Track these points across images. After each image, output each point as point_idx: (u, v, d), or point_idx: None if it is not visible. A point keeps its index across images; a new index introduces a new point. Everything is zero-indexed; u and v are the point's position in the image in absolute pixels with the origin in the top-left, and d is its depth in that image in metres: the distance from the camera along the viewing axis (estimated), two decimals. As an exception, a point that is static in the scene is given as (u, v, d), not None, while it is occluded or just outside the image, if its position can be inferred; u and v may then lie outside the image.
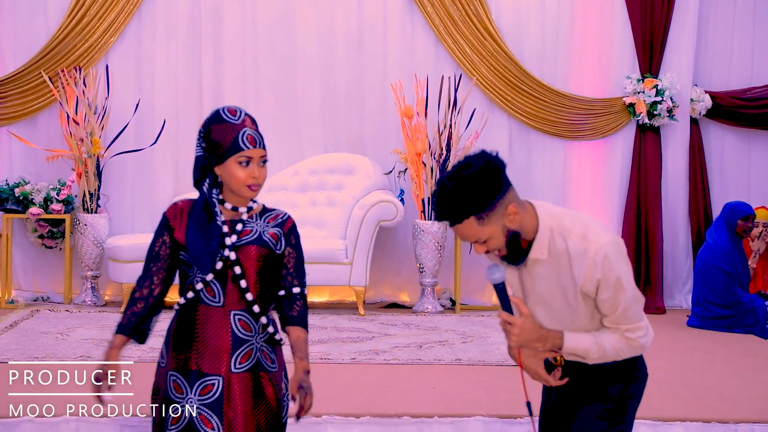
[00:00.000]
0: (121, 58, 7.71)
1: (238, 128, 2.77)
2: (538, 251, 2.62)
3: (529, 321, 2.63)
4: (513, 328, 2.61)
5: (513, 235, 2.59)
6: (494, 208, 2.54)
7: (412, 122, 7.34)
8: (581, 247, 2.59)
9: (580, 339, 2.65)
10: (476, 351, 5.89)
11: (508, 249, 2.61)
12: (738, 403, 4.75)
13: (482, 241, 2.58)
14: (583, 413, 2.75)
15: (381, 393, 4.78)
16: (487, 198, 2.52)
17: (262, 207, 2.92)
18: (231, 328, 2.78)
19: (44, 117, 7.65)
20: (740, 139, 8.14)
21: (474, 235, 2.57)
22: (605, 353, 2.65)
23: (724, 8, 8.03)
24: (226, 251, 2.76)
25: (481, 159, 2.54)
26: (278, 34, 7.84)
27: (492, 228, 2.56)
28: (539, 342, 2.64)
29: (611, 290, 2.59)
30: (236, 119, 2.78)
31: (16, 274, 7.64)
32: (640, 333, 2.65)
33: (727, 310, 6.85)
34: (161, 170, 7.79)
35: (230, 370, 2.76)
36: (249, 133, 2.76)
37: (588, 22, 7.93)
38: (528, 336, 2.62)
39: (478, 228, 2.55)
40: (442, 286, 7.71)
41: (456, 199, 2.52)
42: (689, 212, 8.00)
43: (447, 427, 4.38)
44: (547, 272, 2.65)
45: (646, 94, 7.68)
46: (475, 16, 7.71)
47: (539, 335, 2.64)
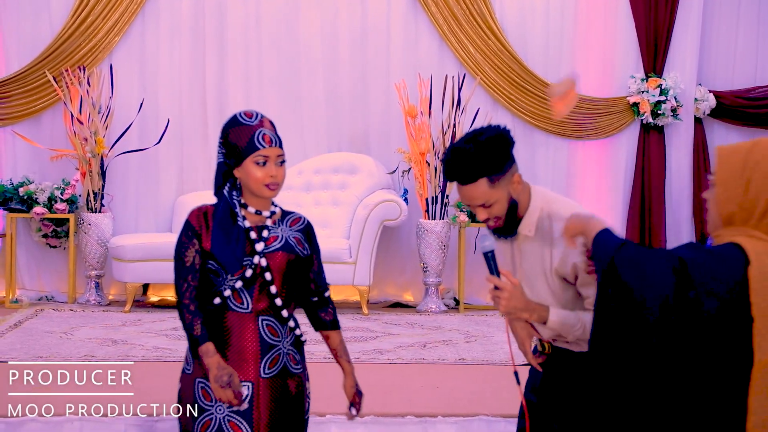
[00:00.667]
0: (125, 58, 7.72)
1: (254, 128, 2.78)
2: (526, 228, 2.75)
3: (519, 290, 2.69)
4: (502, 293, 2.66)
5: (513, 204, 2.72)
6: (505, 173, 2.68)
7: (415, 122, 7.34)
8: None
9: (565, 315, 2.70)
10: (480, 350, 5.90)
11: (506, 218, 2.72)
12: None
13: (488, 205, 2.69)
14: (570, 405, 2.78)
15: (385, 392, 4.79)
16: (501, 162, 2.67)
17: (282, 210, 2.93)
18: (260, 334, 2.78)
19: (48, 116, 7.66)
20: (744, 138, 8.08)
21: (482, 197, 2.68)
22: (586, 333, 2.68)
23: (728, 7, 8.02)
24: (255, 258, 2.77)
25: (494, 128, 2.71)
26: (282, 33, 7.84)
27: (499, 193, 2.68)
28: (526, 312, 2.69)
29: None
30: (252, 121, 2.80)
31: (20, 273, 7.65)
32: None
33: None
34: (165, 169, 7.80)
35: (260, 376, 2.77)
36: (265, 133, 2.78)
37: (592, 22, 7.92)
38: (516, 303, 2.67)
39: (487, 190, 2.67)
40: (446, 285, 7.71)
41: (473, 160, 2.64)
42: (693, 212, 7.99)
43: (450, 426, 4.38)
44: (532, 250, 2.76)
45: (650, 94, 7.67)
46: (479, 15, 7.71)
47: (526, 305, 2.69)
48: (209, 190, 2.90)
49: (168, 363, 5.33)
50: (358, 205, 7.31)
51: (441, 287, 7.59)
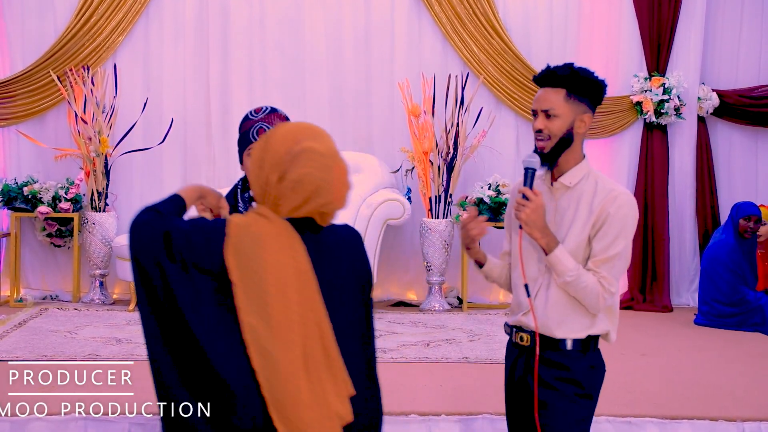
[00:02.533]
0: (129, 57, 7.74)
1: (254, 123, 2.83)
2: (569, 178, 2.88)
3: (543, 209, 2.82)
4: (529, 203, 2.81)
5: (568, 136, 2.86)
6: (582, 102, 2.86)
7: (419, 121, 7.35)
8: (609, 186, 2.86)
9: (568, 256, 2.81)
10: (483, 349, 5.90)
11: (555, 144, 2.85)
12: (745, 402, 4.75)
13: (550, 115, 2.84)
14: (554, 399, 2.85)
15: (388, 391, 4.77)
16: (585, 90, 2.86)
17: None
18: None
19: (52, 116, 7.68)
20: (748, 137, 8.12)
21: (551, 104, 2.84)
22: (577, 282, 2.79)
23: (731, 6, 8.02)
24: None
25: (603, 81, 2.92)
26: (286, 33, 7.86)
27: (566, 112, 2.84)
28: (539, 232, 2.81)
29: (613, 231, 2.79)
30: (257, 116, 2.86)
31: (24, 272, 7.67)
32: (612, 288, 2.81)
33: (733, 308, 6.85)
34: (169, 169, 7.81)
35: None
36: (261, 126, 2.81)
37: (595, 21, 7.92)
38: (535, 218, 2.80)
39: (560, 101, 2.84)
40: (450, 284, 7.72)
41: (567, 71, 2.84)
42: (696, 211, 7.99)
43: (454, 425, 4.39)
44: (567, 204, 2.88)
45: (654, 93, 7.67)
46: (483, 14, 7.71)
47: (543, 226, 2.81)
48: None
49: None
50: (361, 204, 7.32)
51: (444, 286, 7.60)
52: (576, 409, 2.84)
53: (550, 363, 2.86)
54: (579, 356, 2.86)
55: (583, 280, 2.78)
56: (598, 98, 2.91)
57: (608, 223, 2.79)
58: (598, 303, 2.81)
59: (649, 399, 4.77)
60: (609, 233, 2.79)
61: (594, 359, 2.90)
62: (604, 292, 2.79)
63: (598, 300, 2.80)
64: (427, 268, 7.43)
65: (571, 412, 2.84)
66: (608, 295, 2.80)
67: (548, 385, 2.86)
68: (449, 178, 7.34)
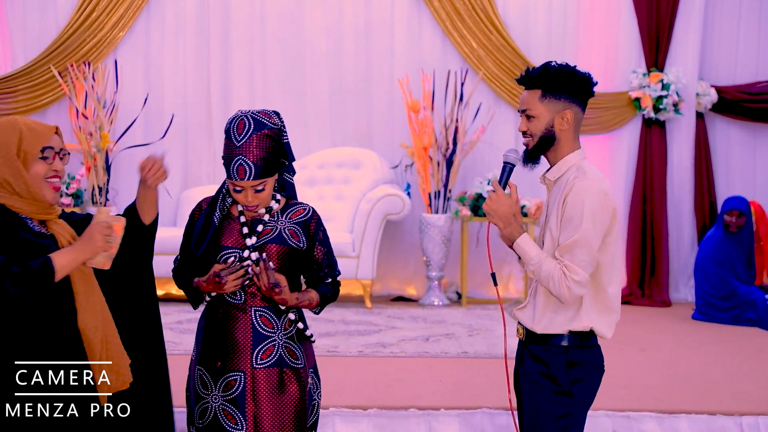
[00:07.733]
0: (130, 53, 7.76)
1: (234, 155, 2.77)
2: (553, 173, 2.93)
3: (508, 200, 2.88)
4: (492, 194, 2.89)
5: (549, 134, 2.89)
6: (558, 99, 2.87)
7: (419, 116, 7.37)
8: (580, 177, 2.85)
9: (531, 245, 2.86)
10: (482, 344, 5.93)
11: (536, 143, 2.89)
12: (743, 396, 4.77)
13: (530, 116, 2.89)
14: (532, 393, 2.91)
15: (388, 386, 4.82)
16: (560, 88, 2.86)
17: (286, 202, 2.95)
18: (252, 324, 2.82)
19: (53, 111, 7.70)
20: (746, 133, 8.15)
21: (527, 104, 2.89)
22: (540, 270, 2.82)
23: (729, 2, 8.03)
24: (245, 252, 2.81)
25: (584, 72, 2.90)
26: (286, 28, 7.87)
27: (543, 111, 2.87)
28: (501, 221, 2.88)
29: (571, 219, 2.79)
30: (238, 140, 2.78)
31: (25, 267, 7.68)
32: (576, 277, 2.77)
33: (726, 302, 6.88)
34: (170, 164, 7.78)
35: (252, 366, 2.80)
36: (240, 164, 2.76)
37: (594, 17, 7.94)
38: (497, 207, 2.87)
39: (535, 101, 2.88)
40: (449, 279, 7.75)
41: (542, 70, 2.87)
42: (694, 206, 8.02)
43: (453, 419, 4.41)
44: (553, 198, 2.93)
45: (652, 89, 7.69)
46: (482, 10, 7.73)
47: (506, 215, 2.88)
48: (213, 184, 2.97)
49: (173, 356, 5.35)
50: (361, 199, 7.34)
51: (444, 281, 7.63)
52: (552, 406, 2.85)
53: (534, 357, 2.91)
54: (559, 352, 2.86)
55: (545, 269, 2.80)
56: (583, 93, 2.89)
57: (567, 212, 2.81)
58: (562, 291, 2.77)
59: (647, 393, 4.79)
60: (568, 221, 2.80)
61: (578, 356, 2.87)
62: (566, 280, 2.76)
63: (561, 288, 2.77)
64: (427, 263, 7.46)
65: (547, 408, 2.86)
66: (573, 284, 2.76)
67: (530, 380, 2.91)
68: (449, 174, 7.36)
